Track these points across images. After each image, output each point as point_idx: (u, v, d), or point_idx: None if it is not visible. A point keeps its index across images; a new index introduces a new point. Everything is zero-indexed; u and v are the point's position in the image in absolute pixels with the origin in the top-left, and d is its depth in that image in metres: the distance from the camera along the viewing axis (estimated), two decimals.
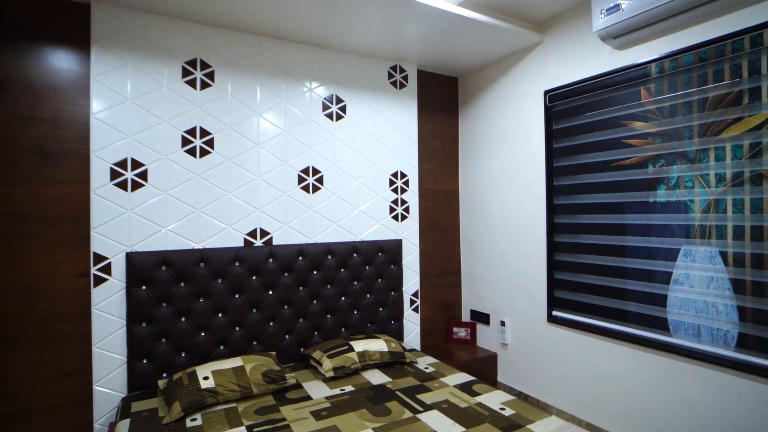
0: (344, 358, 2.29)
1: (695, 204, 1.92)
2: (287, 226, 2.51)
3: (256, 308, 2.38)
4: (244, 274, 2.33)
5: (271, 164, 2.45)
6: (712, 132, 1.85)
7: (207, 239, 2.28)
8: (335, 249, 2.63)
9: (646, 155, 2.10)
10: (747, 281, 1.76)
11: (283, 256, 2.45)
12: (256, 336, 2.37)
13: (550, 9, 2.41)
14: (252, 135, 2.40)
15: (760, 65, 1.71)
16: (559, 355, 2.53)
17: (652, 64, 2.04)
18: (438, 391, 2.08)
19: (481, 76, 3.10)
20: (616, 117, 2.22)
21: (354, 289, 2.70)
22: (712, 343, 1.87)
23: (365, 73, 2.78)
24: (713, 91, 1.85)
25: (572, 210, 2.47)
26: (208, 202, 2.28)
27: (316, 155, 2.60)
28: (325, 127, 2.63)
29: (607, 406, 2.27)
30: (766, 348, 1.71)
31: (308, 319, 2.53)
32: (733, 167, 1.79)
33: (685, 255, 1.95)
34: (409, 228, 2.97)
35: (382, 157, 2.85)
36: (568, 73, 2.44)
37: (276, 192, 2.47)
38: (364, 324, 2.74)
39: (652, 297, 2.09)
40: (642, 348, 2.12)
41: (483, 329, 3.13)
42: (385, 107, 2.86)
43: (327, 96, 2.64)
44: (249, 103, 2.39)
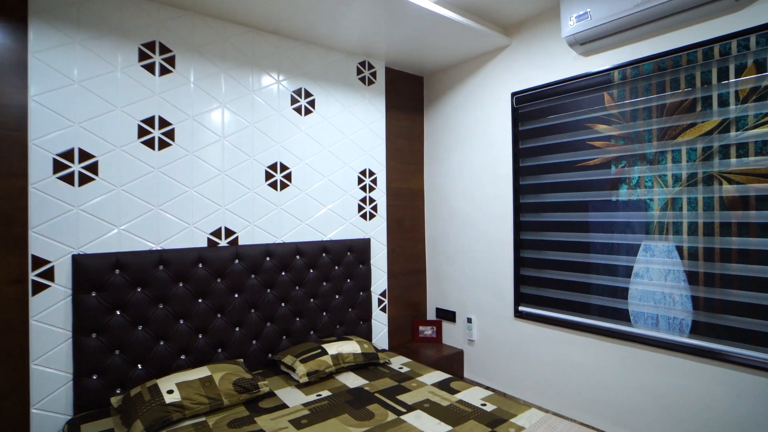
0: (318, 362, 2.20)
1: (654, 202, 2.06)
2: (254, 225, 2.37)
3: (222, 313, 2.21)
4: (208, 276, 2.16)
5: (236, 159, 2.30)
6: (670, 136, 2.00)
7: (167, 239, 2.08)
8: (304, 249, 2.53)
9: (609, 156, 2.22)
10: (700, 273, 1.92)
11: (249, 257, 2.31)
12: (222, 343, 2.21)
13: (519, 13, 2.48)
14: (216, 127, 2.23)
15: (711, 76, 1.88)
16: (526, 349, 2.62)
17: (615, 71, 2.16)
18: (417, 391, 2.05)
19: (447, 77, 3.14)
20: (580, 120, 2.34)
21: (323, 290, 2.61)
22: (669, 331, 2.02)
23: (334, 68, 2.70)
24: (670, 98, 2.00)
25: (538, 208, 2.56)
26: (167, 198, 2.08)
27: (284, 151, 2.48)
28: (293, 121, 2.52)
29: (572, 395, 2.38)
30: (716, 333, 1.88)
31: (276, 322, 2.41)
32: (688, 169, 1.95)
33: (645, 250, 2.10)
34: (377, 227, 2.93)
35: (350, 154, 2.78)
36: (535, 76, 2.53)
37: (242, 189, 2.32)
38: (334, 326, 2.66)
39: (614, 290, 2.22)
40: (605, 338, 2.24)
41: (449, 327, 3.16)
42: (354, 103, 2.80)
43: (296, 89, 2.53)
44: (213, 93, 2.22)
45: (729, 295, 1.84)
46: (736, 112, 1.81)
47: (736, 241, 1.82)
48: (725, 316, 1.85)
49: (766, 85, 1.74)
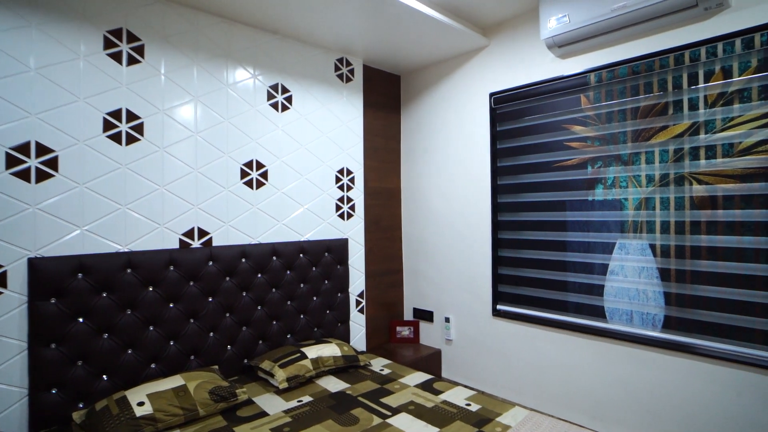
0: (297, 366, 2.12)
1: (629, 202, 2.13)
2: (228, 225, 2.26)
3: (195, 318, 2.10)
4: (180, 279, 2.04)
5: (210, 156, 2.19)
6: (643, 138, 2.08)
7: (135, 240, 1.95)
8: (281, 249, 2.44)
9: (585, 157, 2.28)
10: (672, 270, 2.00)
11: (224, 259, 2.20)
12: (195, 349, 2.09)
13: (497, 14, 2.51)
14: (189, 122, 2.12)
15: (682, 81, 1.96)
16: (504, 347, 2.65)
17: (592, 73, 2.22)
18: (400, 393, 2.02)
19: (424, 76, 3.13)
20: (558, 121, 2.39)
21: (301, 292, 2.53)
22: (643, 326, 2.09)
23: (312, 64, 2.63)
24: (644, 101, 2.07)
25: (516, 208, 2.60)
26: (136, 197, 1.95)
27: (260, 148, 2.39)
28: (270, 117, 2.43)
29: (550, 392, 2.42)
30: (686, 327, 1.96)
31: (252, 326, 2.31)
32: (661, 169, 2.02)
33: (620, 248, 2.16)
34: (355, 227, 2.88)
35: (328, 152, 2.72)
36: (513, 77, 2.57)
37: (216, 187, 2.21)
38: (311, 328, 2.59)
39: (590, 287, 2.27)
40: (581, 335, 2.30)
41: (426, 327, 3.16)
42: (332, 100, 2.74)
43: (272, 84, 2.44)
44: (186, 86, 2.10)
45: (699, 290, 1.92)
46: (705, 116, 1.90)
47: (705, 239, 1.91)
48: (695, 310, 1.93)
49: (731, 91, 1.83)
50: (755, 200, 1.78)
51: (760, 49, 1.76)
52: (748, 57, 1.79)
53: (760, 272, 1.77)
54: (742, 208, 1.81)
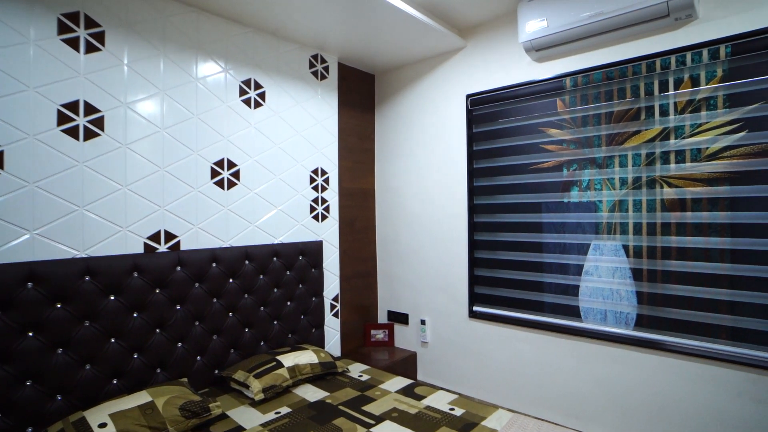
0: (273, 376, 2.02)
1: (603, 204, 2.19)
2: (198, 227, 2.13)
3: (161, 327, 1.95)
4: (144, 287, 1.89)
5: (178, 154, 2.05)
6: (617, 142, 2.14)
7: (94, 245, 1.78)
8: (253, 253, 2.33)
9: (561, 160, 2.32)
10: (644, 270, 2.07)
11: (193, 263, 2.07)
12: (162, 361, 1.94)
13: (475, 16, 2.51)
14: (155, 117, 1.97)
15: (654, 88, 2.03)
16: (481, 348, 2.66)
17: (567, 78, 2.26)
18: (382, 400, 1.97)
19: (399, 76, 3.10)
20: (534, 124, 2.42)
21: (274, 297, 2.42)
22: (616, 324, 2.15)
23: (286, 60, 2.53)
24: (617, 107, 2.13)
25: (492, 209, 2.61)
26: (95, 197, 1.78)
27: (232, 146, 2.26)
28: (242, 114, 2.31)
29: (526, 391, 2.45)
30: (657, 325, 2.03)
31: (224, 335, 2.19)
32: (634, 173, 2.09)
33: (595, 249, 2.22)
34: (330, 228, 2.80)
35: (302, 152, 2.63)
36: (490, 80, 2.58)
37: (184, 187, 2.07)
38: (285, 335, 2.48)
39: (566, 288, 2.32)
40: (557, 335, 2.34)
41: (401, 329, 3.12)
42: (306, 98, 2.64)
43: (244, 80, 2.32)
44: (151, 78, 1.95)
45: (669, 289, 2.00)
46: (674, 122, 1.98)
47: (675, 240, 1.99)
48: (666, 309, 2.01)
49: (699, 98, 1.92)
50: (720, 203, 1.87)
51: (724, 60, 1.85)
52: (714, 67, 1.88)
53: (724, 271, 1.86)
54: (709, 210, 1.90)
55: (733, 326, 1.85)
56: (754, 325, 1.80)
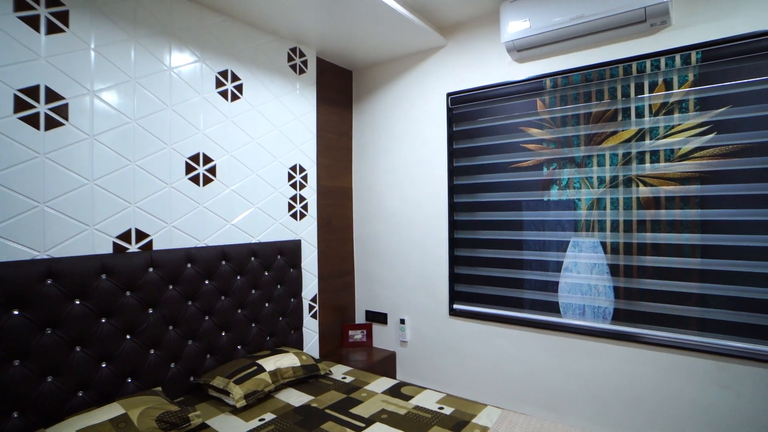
0: (255, 381, 1.93)
1: (582, 202, 2.25)
2: (172, 225, 2.00)
3: (132, 333, 1.81)
4: (114, 290, 1.75)
5: (151, 147, 1.91)
6: (595, 142, 2.21)
7: (57, 245, 1.63)
8: (231, 253, 2.22)
9: (541, 159, 2.37)
10: (620, 265, 2.15)
11: (167, 264, 1.94)
12: (133, 370, 1.80)
13: (457, 15, 2.52)
14: (125, 107, 1.82)
15: (630, 90, 2.11)
16: (461, 346, 2.67)
17: (548, 78, 2.31)
18: (369, 402, 1.93)
19: (377, 73, 3.06)
20: (515, 123, 2.46)
21: (252, 299, 2.32)
22: (594, 319, 2.22)
23: (264, 51, 2.43)
24: (596, 108, 2.20)
25: (473, 207, 2.63)
26: (58, 192, 1.63)
27: (208, 140, 2.14)
28: (218, 107, 2.19)
29: (506, 386, 2.48)
30: (633, 319, 2.11)
31: (200, 339, 2.07)
32: (611, 172, 2.17)
33: (574, 246, 2.28)
34: (308, 227, 2.73)
35: (280, 148, 2.53)
36: (471, 78, 2.60)
37: (157, 183, 1.94)
38: (264, 338, 2.39)
39: (545, 284, 2.37)
40: (537, 330, 2.38)
41: (380, 329, 3.09)
42: (285, 92, 2.55)
43: (221, 71, 2.20)
44: (121, 65, 1.81)
45: (644, 284, 2.09)
46: (649, 124, 2.06)
47: (649, 237, 2.07)
48: (641, 302, 2.09)
49: (672, 101, 2.01)
50: (692, 201, 1.97)
51: (695, 65, 1.95)
52: (686, 71, 1.97)
53: (695, 266, 1.96)
54: (681, 208, 1.99)
55: (702, 317, 1.95)
56: (721, 316, 1.90)
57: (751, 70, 1.83)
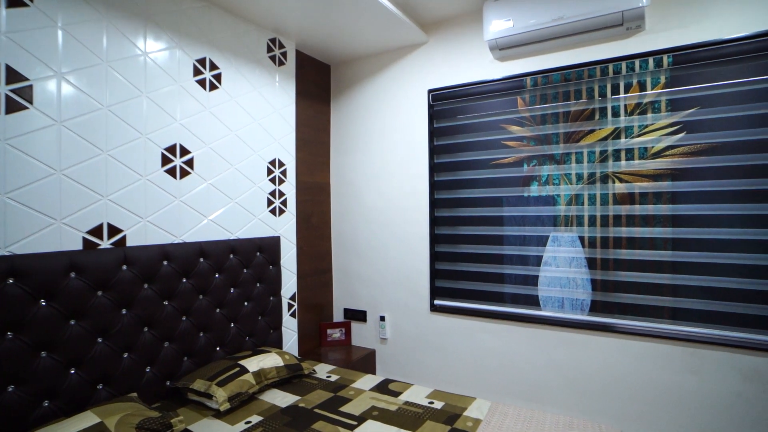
0: (238, 383, 1.85)
1: (561, 198, 2.32)
2: (147, 220, 1.87)
3: (104, 336, 1.68)
4: (84, 289, 1.62)
5: (125, 136, 1.78)
6: (574, 139, 2.28)
7: (20, 241, 1.48)
8: (209, 249, 2.12)
9: (521, 156, 2.42)
10: (597, 258, 2.23)
11: (141, 261, 1.82)
12: (105, 375, 1.68)
13: (439, 12, 2.53)
14: (97, 92, 1.69)
15: (606, 90, 2.20)
16: (442, 341, 2.68)
17: (528, 77, 2.37)
18: (358, 399, 1.90)
19: (356, 68, 3.03)
20: (495, 120, 2.50)
21: (231, 297, 2.22)
22: (572, 311, 2.30)
23: (243, 41, 2.34)
24: (574, 107, 2.28)
25: (454, 204, 2.65)
26: (20, 183, 1.48)
27: (185, 131, 2.03)
28: (196, 96, 2.08)
29: (488, 380, 2.52)
30: (609, 309, 2.20)
31: (177, 341, 1.95)
32: (589, 168, 2.25)
33: (553, 240, 2.34)
34: (287, 223, 2.65)
35: (259, 141, 2.45)
36: (453, 76, 2.62)
37: (131, 175, 1.81)
38: (243, 338, 2.29)
39: (525, 278, 2.42)
40: (517, 323, 2.43)
41: (359, 327, 3.05)
42: (264, 84, 2.47)
43: (199, 58, 2.10)
44: (92, 46, 1.68)
45: (620, 276, 2.18)
46: (625, 123, 2.16)
47: (624, 231, 2.17)
48: (617, 294, 2.18)
49: (645, 102, 2.11)
50: (663, 196, 2.08)
51: (667, 69, 2.06)
52: (659, 74, 2.08)
53: (667, 258, 2.07)
54: (654, 203, 2.10)
55: (674, 307, 2.06)
56: (691, 305, 2.02)
57: (718, 74, 1.95)
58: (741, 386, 1.91)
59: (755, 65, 1.89)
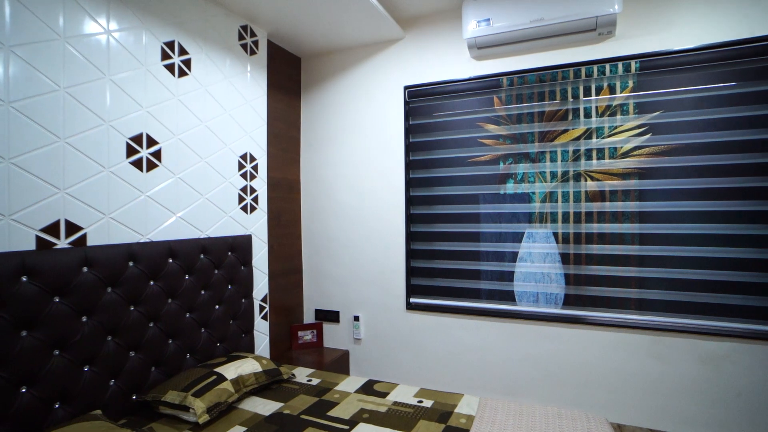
0: (217, 392, 1.71)
1: (536, 195, 2.39)
2: (110, 217, 1.69)
3: (62, 347, 1.49)
4: (38, 294, 1.42)
5: (85, 122, 1.59)
6: (548, 139, 2.36)
7: None
8: (178, 249, 1.95)
9: (497, 154, 2.47)
10: (570, 254, 2.32)
11: (104, 263, 1.63)
12: (63, 392, 1.48)
13: (417, 8, 2.52)
14: (53, 72, 1.49)
15: (579, 92, 2.29)
16: (419, 339, 2.67)
17: (504, 77, 2.42)
18: (345, 403, 1.83)
19: (329, 61, 2.94)
20: (472, 119, 2.53)
21: (202, 300, 2.07)
22: (547, 305, 2.37)
23: (214, 25, 2.18)
24: (549, 107, 2.35)
25: (430, 201, 2.65)
26: None
27: (152, 119, 1.86)
28: (164, 82, 1.91)
29: (464, 374, 2.54)
30: (581, 302, 2.30)
31: (143, 350, 1.78)
32: (562, 167, 2.33)
33: (528, 237, 2.41)
34: (258, 221, 2.51)
35: (231, 134, 2.30)
36: (430, 73, 2.61)
37: (93, 166, 1.62)
38: (214, 344, 2.14)
39: (501, 274, 2.47)
40: (493, 319, 2.47)
41: (332, 328, 2.97)
42: (235, 73, 2.32)
43: (167, 41, 1.93)
44: (46, 19, 1.48)
45: (591, 270, 2.28)
46: (596, 124, 2.26)
47: (595, 227, 2.27)
48: (588, 287, 2.28)
49: (615, 104, 2.22)
50: (631, 194, 2.20)
51: (635, 73, 2.18)
52: (627, 78, 2.20)
53: (634, 252, 2.19)
54: (623, 200, 2.21)
55: (640, 298, 2.18)
56: (656, 296, 2.15)
57: (679, 80, 2.10)
58: (699, 369, 2.06)
59: (711, 73, 2.05)
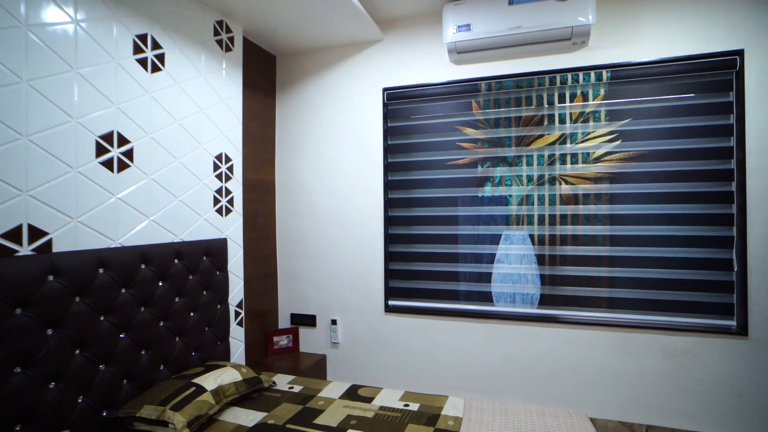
0: (197, 404, 1.64)
1: (513, 198, 2.45)
2: (77, 221, 1.57)
3: (25, 364, 1.37)
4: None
5: (51, 118, 1.47)
6: (525, 143, 2.42)
7: None
8: (151, 254, 1.85)
9: (476, 157, 2.51)
10: (546, 255, 2.40)
11: (72, 270, 1.52)
12: (26, 412, 1.36)
13: (397, 11, 2.52)
14: (15, 63, 1.37)
15: (554, 98, 2.37)
16: (398, 342, 2.67)
17: (483, 82, 2.46)
18: (331, 410, 1.80)
19: (306, 61, 2.89)
20: (451, 122, 2.56)
21: (177, 308, 1.97)
22: (523, 305, 2.44)
23: (188, 19, 2.09)
24: (525, 112, 2.42)
25: (409, 203, 2.66)
26: None
27: (124, 116, 1.75)
28: (136, 77, 1.80)
29: (445, 376, 2.57)
30: (556, 302, 2.38)
31: (114, 362, 1.67)
32: (538, 171, 2.40)
33: (506, 239, 2.46)
34: (234, 224, 2.43)
35: (205, 133, 2.21)
36: (409, 76, 2.62)
37: (59, 166, 1.50)
38: (189, 353, 2.04)
39: (479, 275, 2.51)
40: (471, 320, 2.51)
41: (307, 333, 2.91)
42: (210, 70, 2.23)
43: (140, 34, 1.82)
44: (7, 5, 1.35)
45: (564, 270, 2.36)
46: (570, 129, 2.34)
47: (569, 229, 2.36)
48: (563, 287, 2.36)
49: (588, 111, 2.32)
50: (603, 198, 2.30)
51: (606, 82, 2.28)
52: (599, 87, 2.30)
53: (605, 253, 2.29)
54: (595, 203, 2.31)
55: (610, 297, 2.29)
56: (626, 294, 2.26)
57: (647, 90, 2.22)
58: (664, 363, 2.18)
59: (673, 84, 2.18)
